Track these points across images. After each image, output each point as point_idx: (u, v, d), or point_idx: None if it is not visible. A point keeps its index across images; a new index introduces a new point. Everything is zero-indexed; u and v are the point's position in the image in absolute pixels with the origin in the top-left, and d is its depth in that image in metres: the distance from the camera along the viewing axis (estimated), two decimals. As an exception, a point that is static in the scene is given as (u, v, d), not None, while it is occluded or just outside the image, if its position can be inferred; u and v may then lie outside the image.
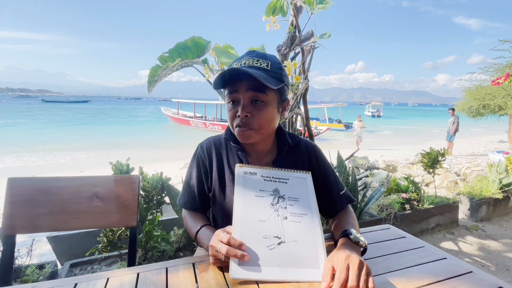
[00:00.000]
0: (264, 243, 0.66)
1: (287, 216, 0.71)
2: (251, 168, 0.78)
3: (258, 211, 0.71)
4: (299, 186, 0.78)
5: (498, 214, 3.26)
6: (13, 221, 0.96)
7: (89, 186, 1.06)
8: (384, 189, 2.57)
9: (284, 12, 2.08)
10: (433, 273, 0.69)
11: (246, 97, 0.76)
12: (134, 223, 1.07)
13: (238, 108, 0.77)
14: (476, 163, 5.82)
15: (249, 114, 0.76)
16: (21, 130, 17.46)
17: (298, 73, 2.30)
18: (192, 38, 1.86)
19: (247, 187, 0.74)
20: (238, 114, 0.77)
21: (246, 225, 0.68)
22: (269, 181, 0.76)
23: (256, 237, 0.67)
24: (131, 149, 10.90)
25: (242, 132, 0.78)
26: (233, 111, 0.78)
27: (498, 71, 9.07)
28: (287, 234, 0.68)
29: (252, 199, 0.72)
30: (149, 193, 1.87)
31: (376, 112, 36.32)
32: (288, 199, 0.74)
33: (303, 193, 0.77)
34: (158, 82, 1.89)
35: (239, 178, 0.75)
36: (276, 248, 0.66)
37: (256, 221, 0.69)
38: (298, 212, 0.72)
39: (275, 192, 0.74)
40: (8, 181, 0.98)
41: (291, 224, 0.70)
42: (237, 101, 0.78)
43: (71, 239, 1.95)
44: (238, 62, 0.79)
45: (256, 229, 0.68)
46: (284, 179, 0.78)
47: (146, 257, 1.73)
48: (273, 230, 0.68)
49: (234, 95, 0.77)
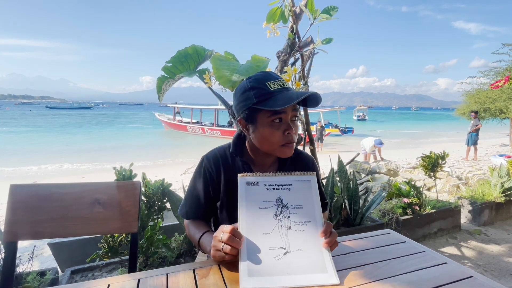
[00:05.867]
0: (270, 255, 0.68)
1: (291, 226, 0.72)
2: (253, 177, 0.77)
3: (262, 224, 0.72)
4: (303, 190, 0.78)
5: (500, 218, 3.24)
6: (15, 227, 0.97)
7: (91, 192, 1.07)
8: (385, 194, 2.57)
9: (285, 19, 2.11)
10: (433, 278, 0.69)
11: (290, 116, 0.84)
12: (135, 229, 1.08)
13: (282, 126, 0.83)
14: (478, 167, 5.80)
15: (292, 130, 0.84)
16: (31, 137, 17.42)
17: (298, 79, 2.32)
18: (193, 46, 1.90)
19: (250, 199, 0.75)
20: (287, 132, 0.83)
21: (251, 240, 0.70)
22: (272, 189, 0.76)
23: (262, 250, 0.69)
24: (129, 155, 10.94)
25: (291, 147, 0.86)
26: (282, 129, 0.84)
27: (498, 75, 9.09)
28: (292, 244, 0.70)
29: (255, 212, 0.73)
30: (151, 199, 1.87)
31: (361, 116, 38.29)
32: (291, 207, 0.75)
33: (307, 198, 0.77)
34: (165, 92, 2.04)
35: (242, 190, 0.76)
36: (282, 258, 0.68)
37: (261, 234, 0.71)
38: (302, 220, 0.73)
39: (278, 202, 0.75)
40: (10, 188, 0.99)
41: (295, 234, 0.71)
42: (281, 120, 0.83)
43: (72, 245, 1.95)
44: (276, 83, 0.83)
45: (261, 242, 0.70)
46: (287, 185, 0.77)
47: (147, 263, 1.72)
48: (278, 242, 0.70)
49: (282, 115, 0.83)
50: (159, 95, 2.05)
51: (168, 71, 1.97)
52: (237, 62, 1.98)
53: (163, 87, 1.99)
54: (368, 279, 0.68)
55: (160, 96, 2.06)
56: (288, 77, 1.81)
